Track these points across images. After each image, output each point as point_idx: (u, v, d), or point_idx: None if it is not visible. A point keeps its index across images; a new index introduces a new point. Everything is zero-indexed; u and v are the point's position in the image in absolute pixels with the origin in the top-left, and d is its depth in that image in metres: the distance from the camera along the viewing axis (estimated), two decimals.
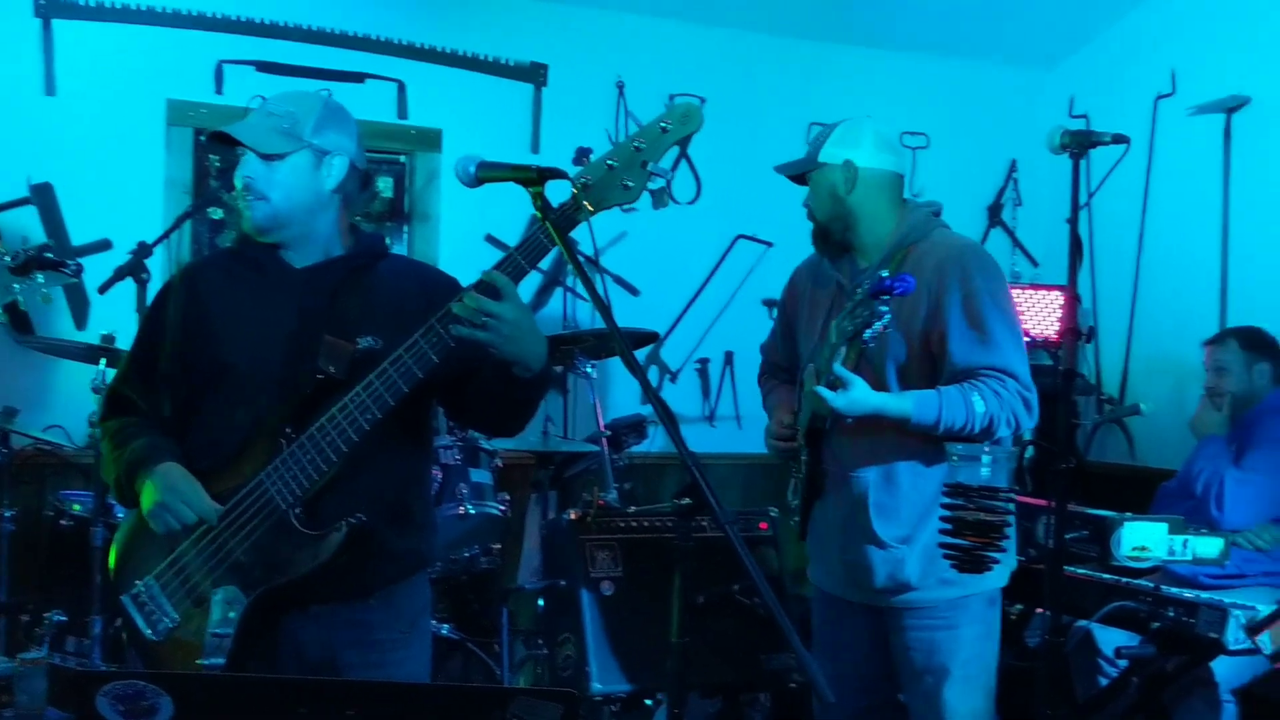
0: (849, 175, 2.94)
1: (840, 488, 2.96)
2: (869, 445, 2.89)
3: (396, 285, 2.59)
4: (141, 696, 1.74)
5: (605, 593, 3.64)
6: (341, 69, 5.00)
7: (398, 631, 2.58)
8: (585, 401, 4.52)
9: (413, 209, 5.30)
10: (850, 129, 2.99)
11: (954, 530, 2.42)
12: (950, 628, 2.86)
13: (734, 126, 5.53)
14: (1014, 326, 2.82)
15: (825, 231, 3.01)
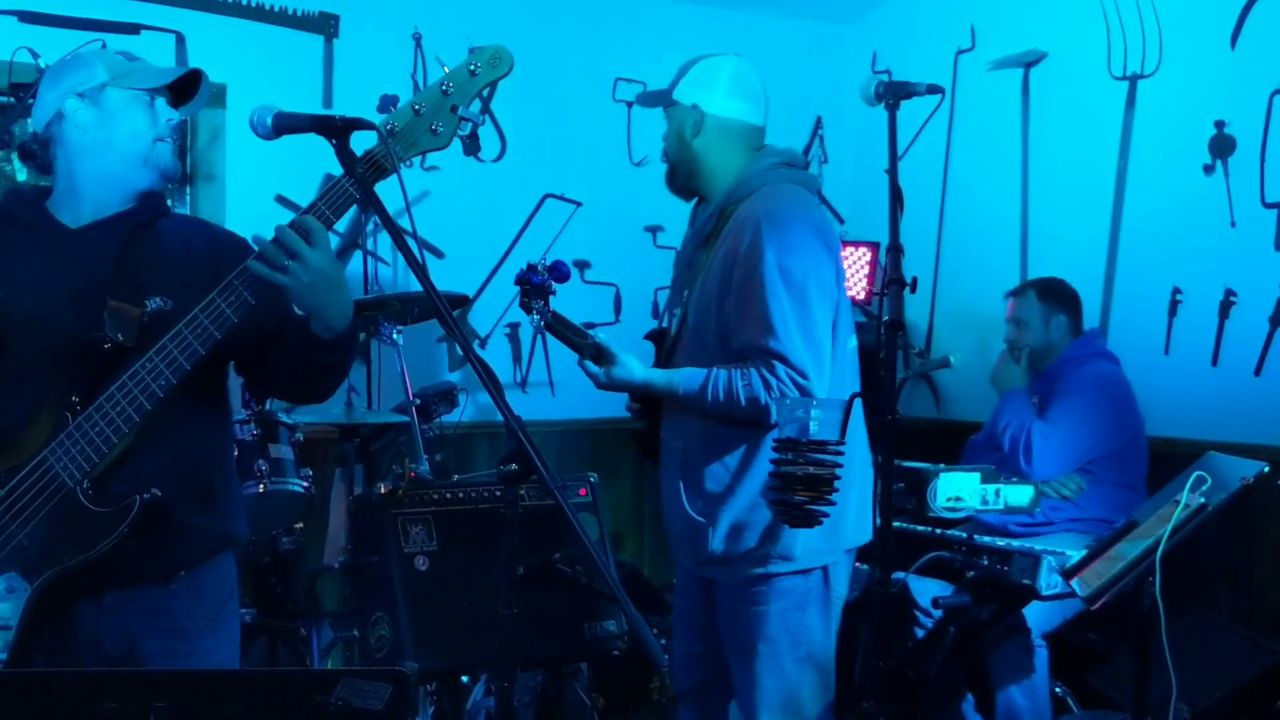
0: (696, 119, 2.91)
1: (664, 454, 3.00)
2: (679, 417, 2.92)
3: (183, 244, 2.49)
4: None
5: (420, 568, 3.56)
6: (115, 20, 4.73)
7: (202, 619, 2.48)
8: (392, 370, 4.41)
9: (195, 169, 5.07)
10: (706, 69, 2.94)
11: (783, 486, 2.46)
12: (756, 604, 2.87)
13: (539, 81, 5.47)
14: (803, 308, 2.73)
15: (672, 172, 3.00)
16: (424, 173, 5.22)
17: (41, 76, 2.52)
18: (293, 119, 2.34)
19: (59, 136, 2.43)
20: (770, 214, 2.80)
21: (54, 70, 2.50)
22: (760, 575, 2.84)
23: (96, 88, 2.42)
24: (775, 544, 2.81)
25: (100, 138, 2.42)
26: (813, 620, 2.88)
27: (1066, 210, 5.14)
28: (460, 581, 3.54)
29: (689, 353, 2.90)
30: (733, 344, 2.79)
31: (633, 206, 5.55)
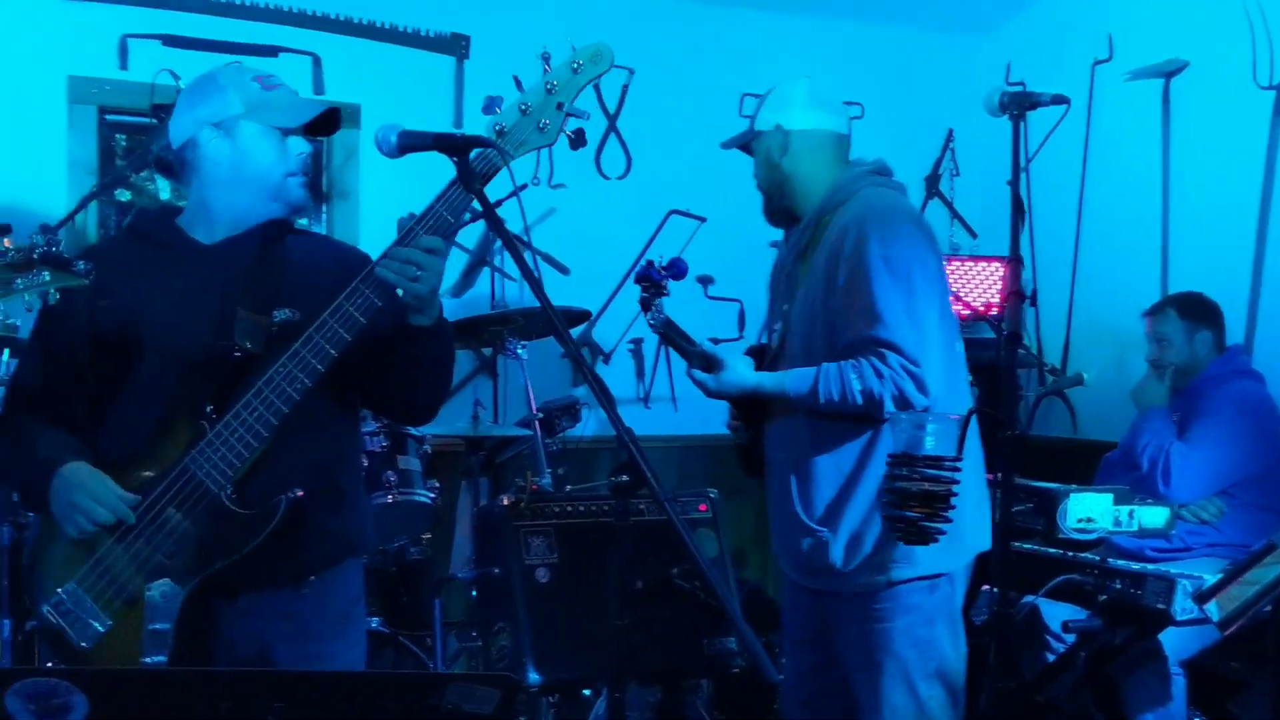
0: (780, 140, 2.94)
1: (772, 469, 2.99)
2: (788, 426, 2.91)
3: (310, 258, 2.58)
4: (54, 694, 1.71)
5: (541, 580, 3.62)
6: (253, 43, 4.91)
7: (331, 623, 2.56)
8: (516, 384, 4.48)
9: (331, 188, 5.23)
10: (781, 92, 2.99)
11: (898, 502, 2.44)
12: (880, 620, 2.83)
13: (664, 99, 5.52)
14: (909, 297, 2.71)
15: (767, 199, 3.04)
16: (550, 190, 5.31)
17: (186, 88, 2.60)
18: (416, 137, 2.42)
19: (192, 162, 2.51)
20: (871, 208, 2.81)
21: (190, 91, 2.57)
22: (883, 584, 2.81)
23: (231, 119, 2.48)
24: (895, 547, 2.76)
25: (232, 172, 2.50)
26: (940, 634, 2.84)
27: (1209, 223, 4.99)
28: (580, 593, 3.58)
29: (797, 362, 2.89)
30: (839, 340, 2.78)
31: (757, 221, 5.50)
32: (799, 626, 3.05)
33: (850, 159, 3.02)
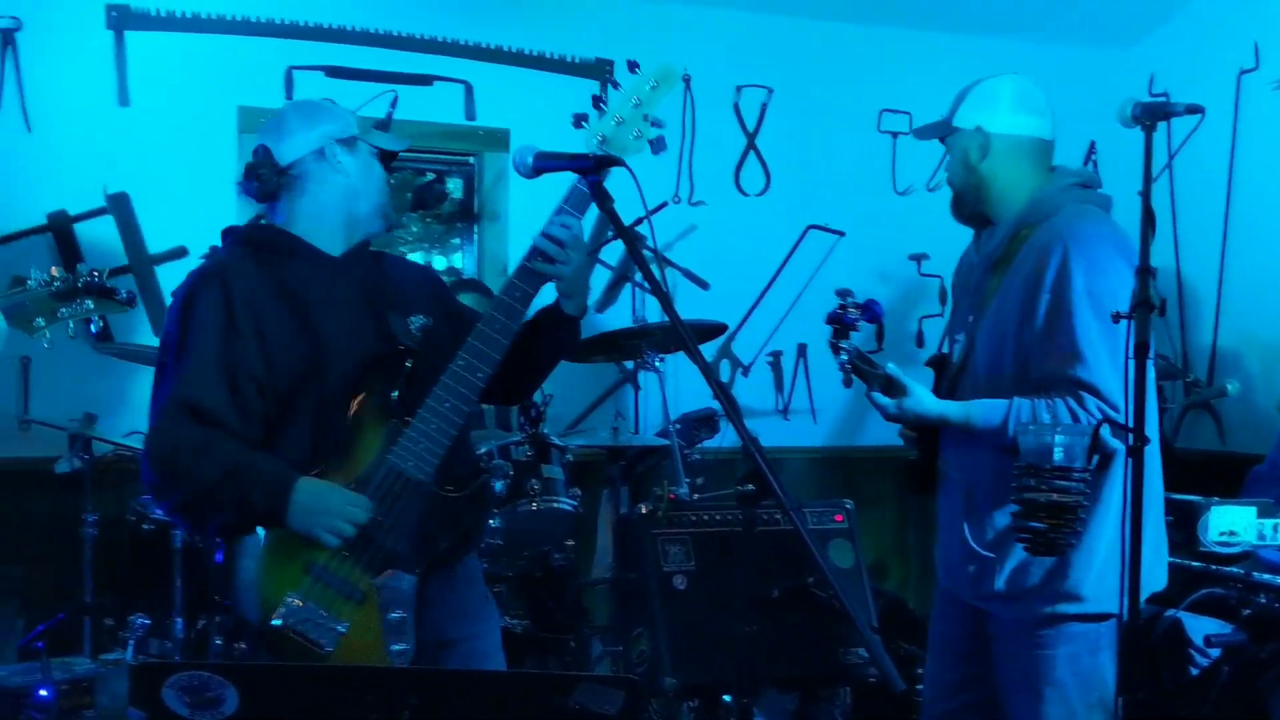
0: (981, 142, 2.79)
1: (944, 487, 2.89)
2: (966, 449, 2.78)
3: (395, 269, 2.77)
4: (207, 688, 1.77)
5: (678, 587, 3.63)
6: (409, 72, 5.03)
7: (482, 600, 2.71)
8: (655, 396, 4.50)
9: (482, 208, 5.34)
10: (986, 90, 2.83)
11: (1026, 512, 2.36)
12: (1043, 646, 2.71)
13: (802, 116, 5.50)
14: (1112, 336, 2.52)
15: (959, 200, 2.87)
16: (691, 208, 5.34)
17: (287, 112, 2.68)
18: (550, 158, 2.48)
19: (314, 173, 2.59)
20: (1077, 237, 2.63)
21: (303, 112, 2.67)
22: (1048, 616, 2.69)
23: (352, 138, 2.63)
24: (1063, 581, 2.65)
25: (357, 183, 2.62)
26: (1104, 665, 2.68)
27: None
28: (716, 600, 3.58)
29: (980, 383, 2.77)
30: (1033, 373, 2.64)
31: (896, 236, 5.49)
32: (951, 639, 2.94)
33: (1054, 165, 2.84)
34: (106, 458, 4.41)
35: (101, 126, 4.66)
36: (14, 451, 4.46)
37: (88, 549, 4.25)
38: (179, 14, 4.75)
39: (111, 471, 4.47)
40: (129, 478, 4.53)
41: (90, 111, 4.66)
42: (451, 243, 5.57)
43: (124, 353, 4.41)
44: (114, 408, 4.49)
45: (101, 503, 4.35)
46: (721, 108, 5.46)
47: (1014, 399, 2.61)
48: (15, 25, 4.52)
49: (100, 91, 4.67)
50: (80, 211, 4.58)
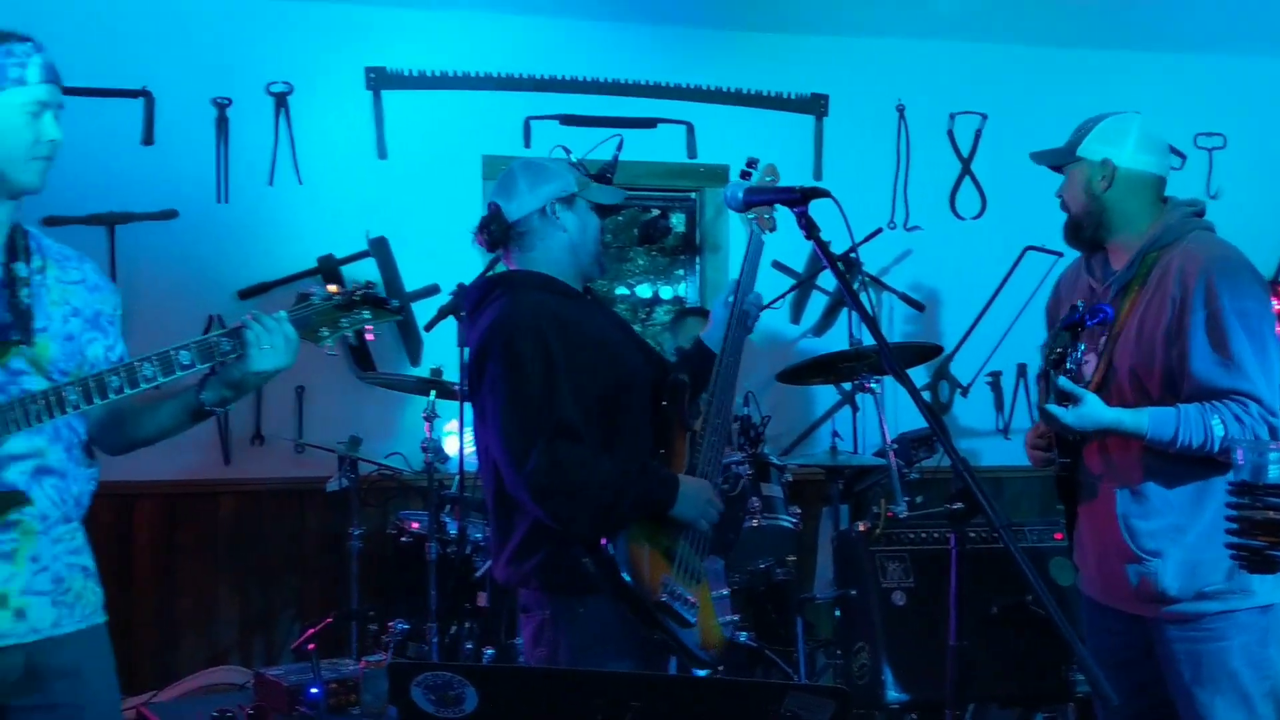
0: (1106, 174, 2.82)
1: (1093, 498, 2.84)
2: (1118, 458, 2.76)
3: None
4: (449, 686, 1.85)
5: (897, 603, 3.60)
6: (635, 116, 5.15)
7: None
8: (873, 417, 4.46)
9: (704, 241, 5.40)
10: (1115, 126, 2.85)
11: (1242, 530, 2.25)
12: (1215, 639, 2.67)
13: (1017, 140, 5.32)
14: (1263, 347, 2.63)
15: (1077, 226, 2.91)
16: (906, 233, 5.27)
17: (515, 172, 2.83)
18: (759, 192, 2.51)
19: (538, 229, 2.77)
20: (1218, 261, 2.69)
21: (529, 172, 2.81)
22: (1219, 611, 2.67)
23: (571, 196, 2.79)
24: (1232, 578, 2.63)
25: (575, 237, 2.79)
26: (1274, 656, 2.67)
27: None
28: (936, 617, 3.49)
29: (1126, 398, 2.75)
30: (1185, 387, 2.66)
31: None
32: (1109, 650, 2.88)
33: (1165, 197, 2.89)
34: (370, 477, 4.66)
35: (363, 178, 4.94)
36: (291, 472, 4.75)
37: (354, 560, 4.49)
38: (429, 73, 5.00)
39: (374, 489, 4.72)
40: (390, 495, 4.79)
41: (353, 165, 4.94)
42: (675, 273, 5.65)
43: (385, 381, 4.65)
44: (377, 432, 4.73)
45: (366, 518, 4.59)
46: (935, 135, 5.38)
47: (1179, 407, 2.63)
48: (287, 90, 4.85)
49: (362, 146, 4.95)
50: (345, 254, 4.88)
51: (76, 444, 2.24)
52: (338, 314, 2.19)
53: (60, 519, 2.20)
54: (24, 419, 2.07)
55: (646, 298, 5.69)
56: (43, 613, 2.16)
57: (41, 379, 2.16)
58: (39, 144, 2.17)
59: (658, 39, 5.15)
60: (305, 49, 4.87)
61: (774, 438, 4.63)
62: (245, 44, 4.81)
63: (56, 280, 2.26)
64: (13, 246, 2.21)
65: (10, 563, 2.12)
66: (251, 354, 2.12)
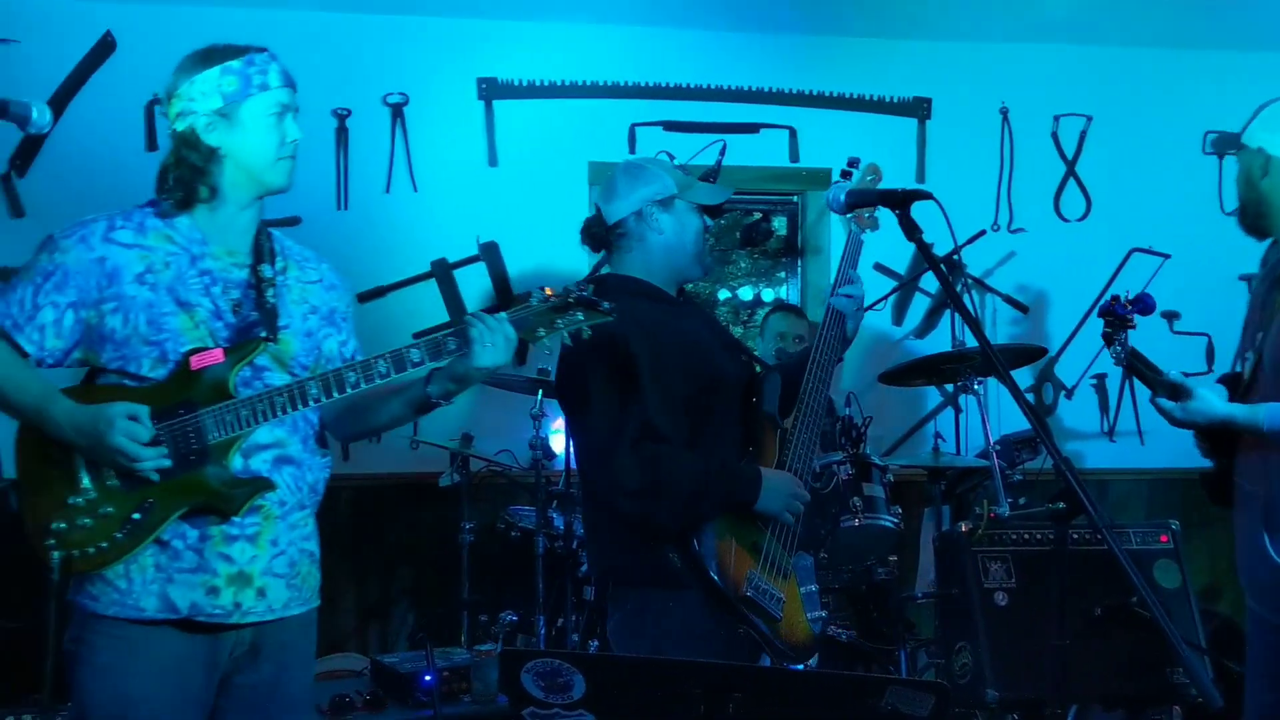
0: (1262, 162, 2.71)
1: (1240, 500, 2.73)
2: (1259, 457, 2.64)
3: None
4: (558, 674, 1.88)
5: (999, 603, 3.54)
6: (739, 121, 5.16)
7: None
8: (976, 418, 4.39)
9: (805, 244, 5.39)
10: (1272, 113, 2.73)
11: None
12: None
13: (1123, 141, 5.25)
14: None
15: (1242, 212, 2.82)
16: (1010, 235, 5.19)
17: (616, 175, 2.86)
18: (861, 195, 2.50)
19: (634, 231, 2.80)
20: None
21: (628, 176, 2.83)
22: None
23: (669, 198, 2.78)
24: None
25: (671, 239, 2.79)
26: None
27: None
28: (1038, 617, 3.45)
29: (1269, 393, 2.64)
30: None
31: (1225, 256, 5.05)
32: (1260, 660, 2.77)
33: None
34: (481, 473, 4.73)
35: (474, 185, 5.03)
36: (407, 468, 4.84)
37: (465, 553, 4.57)
38: (538, 83, 5.06)
39: (485, 485, 4.79)
40: (499, 491, 4.86)
41: (465, 172, 5.03)
42: (777, 276, 5.64)
43: (496, 381, 4.72)
44: (488, 429, 4.80)
45: (476, 512, 4.66)
46: (1039, 137, 5.29)
47: None
48: (403, 101, 4.96)
49: (473, 154, 5.04)
50: (458, 259, 4.97)
51: (312, 435, 2.35)
52: (553, 315, 2.27)
53: (296, 505, 2.30)
54: (270, 410, 2.18)
55: (748, 300, 5.68)
56: (278, 593, 2.27)
57: (284, 374, 2.27)
58: (285, 145, 2.28)
59: (760, 45, 5.14)
60: (420, 62, 4.97)
61: (876, 439, 4.59)
62: (364, 58, 4.93)
63: (296, 280, 2.37)
64: (259, 249, 2.32)
65: (253, 545, 2.23)
66: (475, 351, 2.20)
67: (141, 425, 2.10)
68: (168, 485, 2.14)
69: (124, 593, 2.17)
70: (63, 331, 2.18)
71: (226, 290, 2.26)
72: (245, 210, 2.31)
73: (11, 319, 2.18)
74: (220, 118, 2.24)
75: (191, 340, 2.19)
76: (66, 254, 2.18)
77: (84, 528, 2.13)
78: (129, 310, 2.18)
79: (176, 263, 2.22)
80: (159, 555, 2.17)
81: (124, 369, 2.18)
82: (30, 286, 2.19)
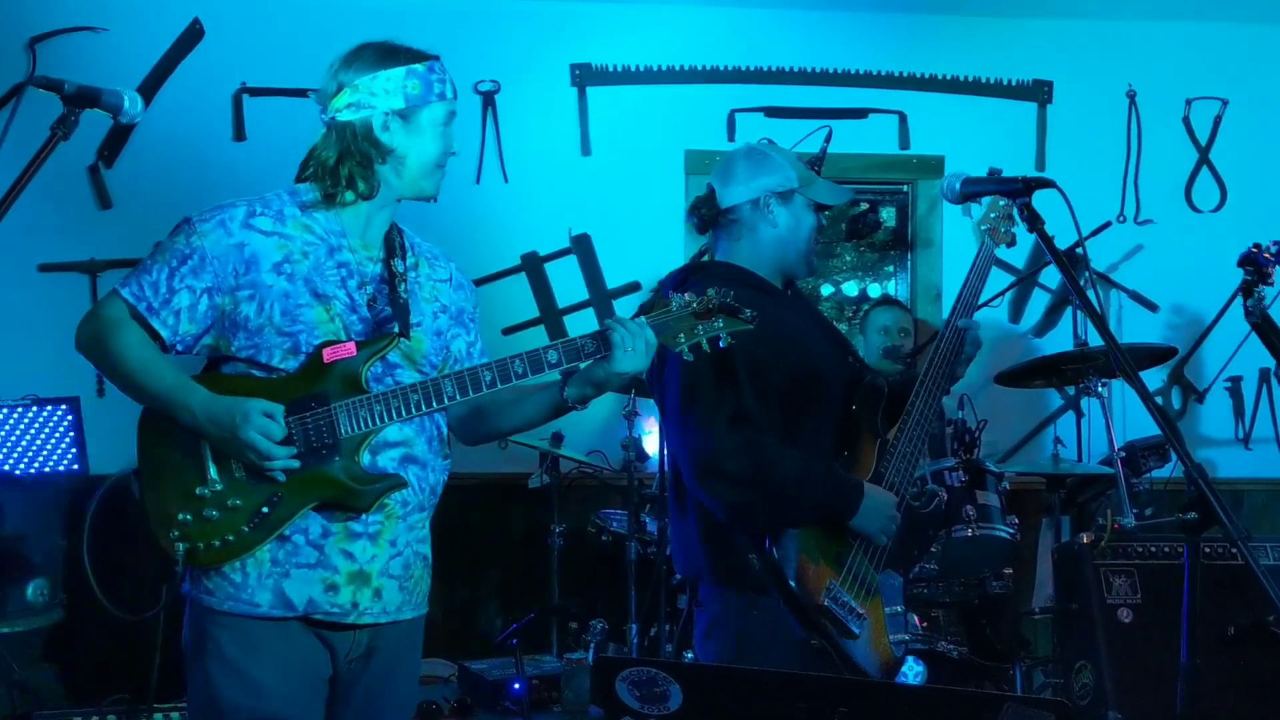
0: None
1: None
2: None
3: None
4: (654, 683, 1.89)
5: (1123, 620, 3.47)
6: (844, 106, 5.13)
7: None
8: (1099, 423, 4.31)
9: (915, 236, 5.33)
10: None
11: None
12: None
13: (1261, 126, 5.11)
14: None
15: None
16: (1137, 227, 5.09)
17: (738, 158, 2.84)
18: (978, 183, 2.48)
19: (748, 220, 2.78)
20: None
21: (751, 161, 2.82)
22: None
23: (789, 191, 2.77)
24: None
25: (785, 234, 2.78)
26: None
27: None
28: (1164, 636, 3.36)
29: None
30: None
31: None
32: None
33: None
34: (571, 474, 4.78)
35: (566, 175, 5.07)
36: (495, 468, 4.89)
37: (555, 557, 4.62)
38: (633, 68, 5.09)
39: (575, 487, 4.83)
40: (590, 493, 4.89)
41: (557, 162, 5.08)
42: (885, 270, 5.59)
43: None
44: (579, 429, 4.83)
45: (566, 515, 4.71)
46: (1170, 122, 5.18)
47: None
48: (494, 88, 5.02)
49: (566, 143, 5.08)
50: (549, 252, 5.01)
51: (437, 436, 2.35)
52: (694, 321, 2.30)
53: (417, 506, 2.31)
54: (404, 408, 2.20)
55: (853, 296, 5.64)
56: (392, 595, 2.28)
57: (414, 372, 2.29)
58: (445, 154, 2.35)
59: (868, 25, 5.12)
60: (512, 47, 5.03)
61: (990, 444, 4.52)
62: (454, 43, 4.96)
63: (427, 277, 2.41)
64: (390, 244, 2.36)
65: (374, 544, 2.25)
66: (615, 356, 2.22)
67: (276, 423, 2.13)
68: (297, 479, 2.17)
69: (239, 586, 2.19)
70: (196, 317, 2.21)
71: (362, 284, 2.29)
72: (384, 209, 2.35)
73: (146, 301, 2.20)
74: (399, 118, 2.28)
75: (326, 333, 2.22)
76: (205, 238, 2.21)
77: (210, 520, 2.16)
78: (265, 299, 2.21)
79: (314, 253, 2.26)
80: (276, 550, 2.19)
81: (254, 358, 2.21)
82: (165, 269, 2.21)
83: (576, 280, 5.05)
